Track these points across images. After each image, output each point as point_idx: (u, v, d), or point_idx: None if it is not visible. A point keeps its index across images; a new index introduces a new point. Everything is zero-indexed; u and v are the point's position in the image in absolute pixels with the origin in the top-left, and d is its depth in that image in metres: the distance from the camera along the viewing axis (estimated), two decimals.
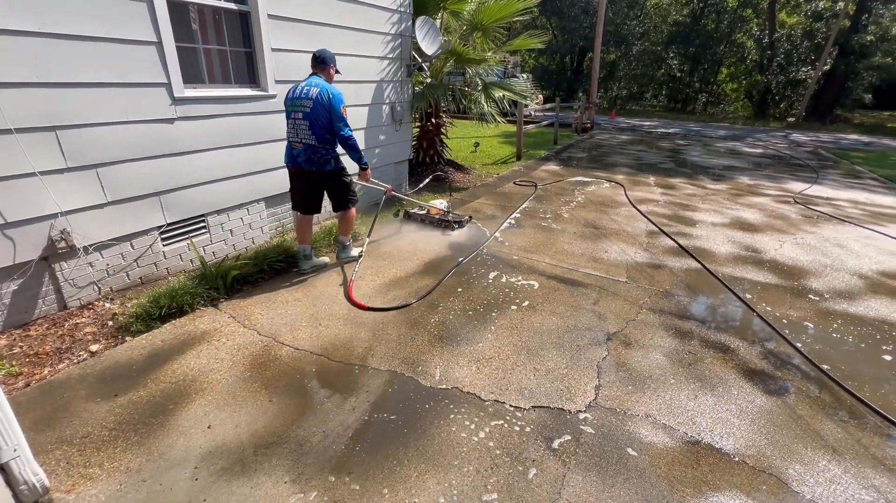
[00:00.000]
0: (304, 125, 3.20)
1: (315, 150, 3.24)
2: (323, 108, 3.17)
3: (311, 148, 3.24)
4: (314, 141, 3.22)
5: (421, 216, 5.05)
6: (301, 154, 3.27)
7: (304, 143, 3.24)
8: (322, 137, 3.22)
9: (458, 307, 3.14)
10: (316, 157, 3.26)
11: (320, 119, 3.18)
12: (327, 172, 3.36)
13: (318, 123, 3.18)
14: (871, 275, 4.00)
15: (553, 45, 26.93)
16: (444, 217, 4.93)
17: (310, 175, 3.35)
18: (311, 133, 3.20)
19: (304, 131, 3.21)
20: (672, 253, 4.33)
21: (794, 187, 7.56)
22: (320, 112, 3.17)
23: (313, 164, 3.28)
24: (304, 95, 3.19)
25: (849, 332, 3.03)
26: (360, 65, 5.04)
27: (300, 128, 3.22)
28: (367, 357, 2.55)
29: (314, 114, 3.17)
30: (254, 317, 2.92)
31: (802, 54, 21.56)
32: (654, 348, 2.75)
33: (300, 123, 3.21)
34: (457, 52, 6.12)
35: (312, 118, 3.17)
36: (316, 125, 3.18)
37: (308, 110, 3.17)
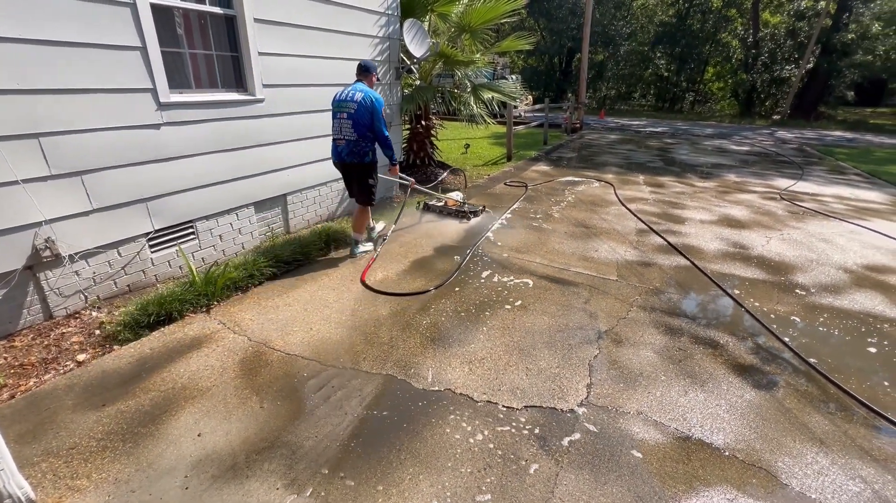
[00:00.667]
0: (348, 124, 3.65)
1: (356, 143, 3.70)
2: (366, 110, 3.64)
3: (352, 142, 3.69)
4: (355, 136, 3.67)
5: (439, 207, 5.46)
6: (344, 149, 3.73)
7: (346, 139, 3.70)
8: (363, 134, 3.68)
9: (451, 308, 3.15)
10: (357, 150, 3.73)
11: (363, 119, 3.64)
12: (366, 164, 3.81)
13: (360, 123, 3.64)
14: (855, 268, 4.07)
15: (542, 46, 27.09)
16: (461, 208, 5.34)
17: (352, 167, 3.82)
18: (353, 131, 3.66)
19: (348, 129, 3.67)
20: (662, 251, 4.37)
21: (780, 184, 7.67)
22: (363, 113, 3.63)
23: (355, 156, 3.74)
24: (350, 98, 3.66)
25: (835, 326, 3.08)
26: (348, 68, 5.02)
27: (344, 126, 3.68)
28: (359, 360, 2.54)
29: (358, 114, 3.62)
30: (244, 323, 2.90)
31: (786, 53, 21.90)
32: (645, 345, 2.77)
33: (344, 122, 3.67)
34: (445, 55, 6.14)
35: (356, 118, 3.63)
36: (358, 124, 3.64)
37: (353, 111, 3.63)
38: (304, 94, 4.53)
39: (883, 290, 3.64)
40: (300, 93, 4.49)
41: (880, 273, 4.00)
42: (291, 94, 4.39)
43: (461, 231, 4.85)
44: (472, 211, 5.31)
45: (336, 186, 5.27)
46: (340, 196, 5.38)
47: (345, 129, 3.68)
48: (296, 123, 4.51)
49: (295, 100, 4.44)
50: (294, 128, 4.51)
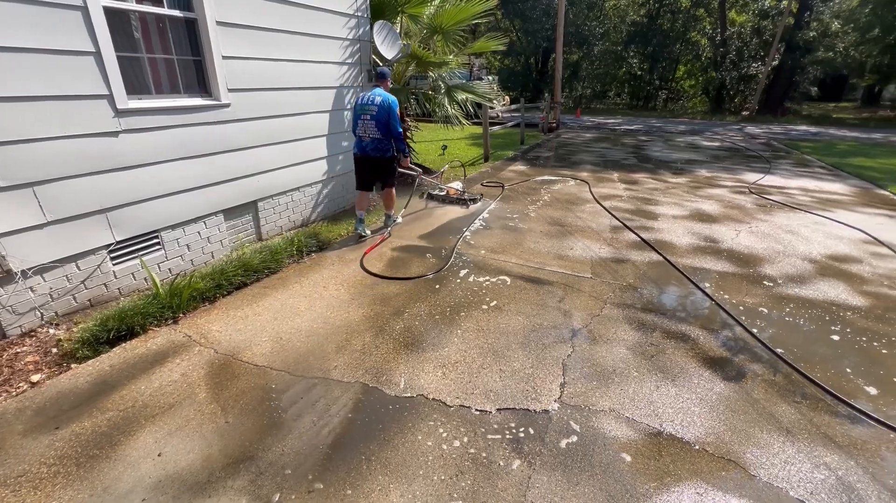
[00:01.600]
0: (372, 124, 4.31)
1: (380, 141, 4.37)
2: (384, 111, 4.27)
3: (376, 140, 4.36)
4: (379, 135, 4.33)
5: (441, 196, 6.12)
6: (369, 145, 4.40)
7: (372, 138, 4.36)
8: (385, 133, 4.33)
9: (425, 312, 3.11)
10: (381, 146, 4.40)
11: (383, 118, 4.28)
12: (387, 158, 4.50)
13: (381, 122, 4.28)
14: (819, 258, 4.19)
15: (517, 47, 27.33)
16: (461, 196, 6.02)
17: (374, 160, 4.49)
18: (377, 129, 4.31)
19: (372, 128, 4.32)
20: (635, 247, 4.43)
21: (749, 178, 7.88)
22: (383, 114, 4.27)
23: (378, 151, 4.42)
24: (371, 102, 4.30)
25: (800, 315, 3.16)
26: (318, 71, 4.95)
27: (368, 126, 4.33)
28: (331, 369, 2.48)
29: (378, 115, 4.27)
30: (212, 335, 2.81)
31: (753, 51, 22.59)
32: (618, 342, 2.78)
33: (368, 123, 4.32)
34: (417, 56, 6.11)
35: (377, 118, 4.28)
36: (380, 123, 4.29)
37: (374, 113, 4.28)
38: (273, 98, 4.44)
39: (845, 279, 3.76)
40: (269, 97, 4.40)
41: (842, 262, 4.12)
42: (260, 99, 4.30)
43: (462, 214, 5.54)
44: (472, 198, 5.98)
45: (310, 191, 5.19)
46: (314, 201, 5.29)
47: (369, 129, 4.32)
48: (265, 128, 4.42)
49: (264, 104, 4.35)
50: (264, 133, 4.41)
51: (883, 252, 4.40)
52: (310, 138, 5.02)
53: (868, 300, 3.40)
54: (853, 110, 26.93)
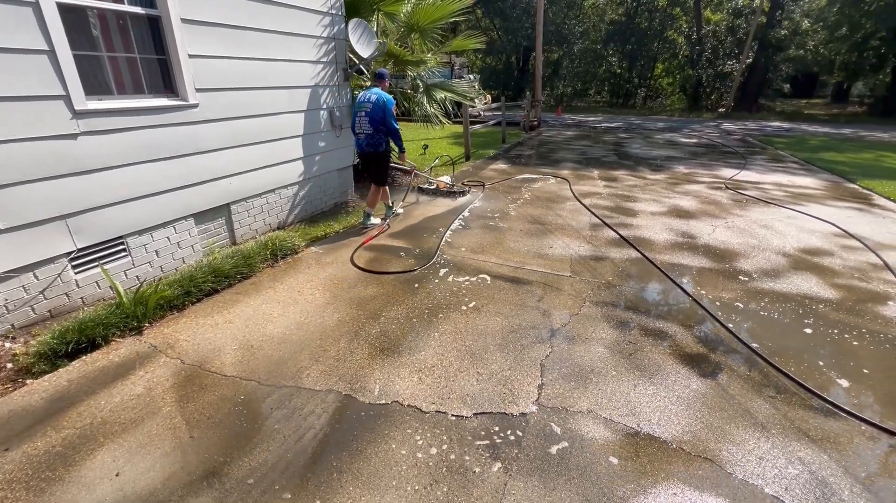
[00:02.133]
0: (366, 120, 4.54)
1: (372, 136, 4.58)
2: (379, 109, 4.52)
3: (369, 135, 4.58)
4: (371, 130, 4.56)
5: (432, 190, 6.37)
6: (363, 141, 4.63)
7: (366, 133, 4.58)
8: (377, 128, 4.56)
9: (402, 315, 3.05)
10: (373, 141, 4.62)
11: (377, 115, 4.52)
12: (380, 153, 4.71)
13: (374, 118, 4.52)
14: (793, 252, 4.26)
15: (498, 45, 27.37)
16: (451, 189, 6.30)
17: (369, 155, 4.72)
18: (369, 125, 4.54)
19: (365, 124, 4.55)
20: (614, 244, 4.44)
21: (726, 173, 8.01)
22: (377, 111, 4.52)
23: (371, 146, 4.64)
24: (367, 100, 4.57)
25: (775, 309, 3.19)
26: (292, 70, 4.84)
27: (362, 122, 4.57)
28: (302, 377, 2.40)
29: (373, 112, 4.52)
30: (179, 345, 2.70)
31: (727, 49, 23.06)
32: (596, 341, 2.77)
33: (363, 119, 4.56)
34: (394, 55, 6.03)
35: (371, 115, 4.52)
36: (374, 119, 4.52)
37: (369, 110, 4.52)
38: (244, 97, 4.31)
39: (818, 272, 3.82)
40: (240, 97, 4.27)
41: (815, 255, 4.20)
42: (230, 99, 4.17)
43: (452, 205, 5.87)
44: (461, 191, 6.29)
45: (286, 193, 5.07)
46: (291, 203, 5.17)
47: (363, 124, 4.55)
48: (237, 129, 4.29)
49: (234, 104, 4.22)
50: (235, 134, 4.28)
51: (853, 244, 4.50)
52: (284, 139, 4.90)
53: (839, 293, 3.46)
54: (823, 106, 27.72)
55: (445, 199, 6.11)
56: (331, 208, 5.83)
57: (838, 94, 31.88)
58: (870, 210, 5.82)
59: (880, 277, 3.74)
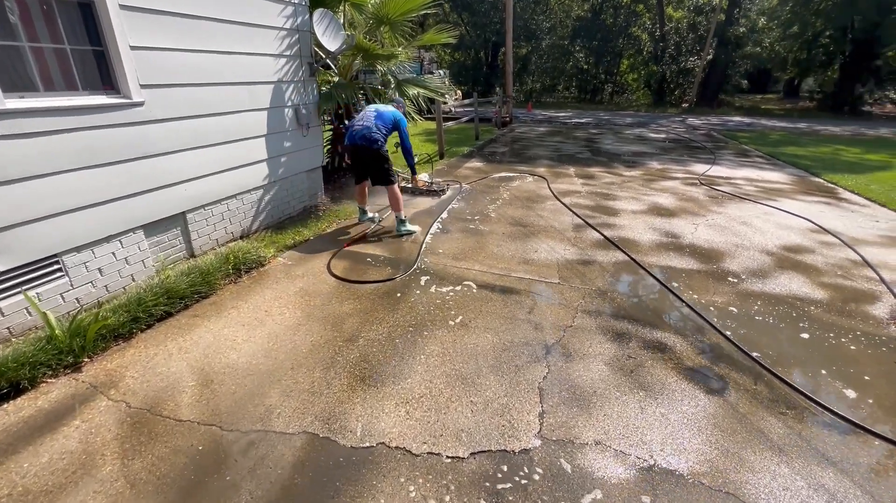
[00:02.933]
0: (372, 115, 4.39)
1: (371, 130, 4.28)
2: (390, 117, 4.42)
3: (368, 128, 4.28)
4: (372, 124, 4.31)
5: (409, 189, 6.15)
6: (359, 132, 4.30)
7: (365, 125, 4.32)
8: (380, 124, 4.33)
9: (383, 335, 2.77)
10: (370, 136, 4.26)
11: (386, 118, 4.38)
12: (374, 150, 4.30)
13: (382, 118, 4.37)
14: (775, 251, 4.24)
15: (467, 40, 27.15)
16: (430, 187, 6.14)
17: (362, 149, 4.33)
18: (374, 120, 4.34)
19: (370, 119, 4.35)
20: (600, 246, 4.29)
21: (698, 169, 8.08)
22: (388, 116, 4.42)
23: (367, 140, 4.27)
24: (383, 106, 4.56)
25: (769, 313, 3.11)
26: (253, 64, 4.43)
27: (366, 115, 4.40)
28: (272, 418, 2.10)
29: (383, 114, 4.41)
30: (125, 384, 2.33)
31: (689, 45, 23.69)
32: (595, 357, 2.58)
33: (368, 114, 4.42)
34: (363, 48, 5.68)
35: (380, 114, 4.40)
36: (380, 118, 4.36)
37: (381, 111, 4.45)
38: (199, 94, 3.90)
39: (802, 271, 3.79)
40: (194, 94, 3.85)
41: (796, 253, 4.19)
42: (182, 96, 3.75)
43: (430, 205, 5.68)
44: (440, 189, 6.14)
45: (249, 199, 4.67)
46: (255, 209, 4.77)
47: (366, 118, 4.35)
48: (192, 129, 3.87)
49: (188, 102, 3.80)
50: (190, 134, 3.86)
51: (830, 240, 4.53)
52: (246, 139, 4.50)
53: (827, 292, 3.42)
54: (777, 101, 29.00)
55: (425, 199, 5.92)
56: (300, 213, 5.45)
57: (789, 90, 33.43)
58: (838, 204, 5.95)
59: (862, 274, 3.74)
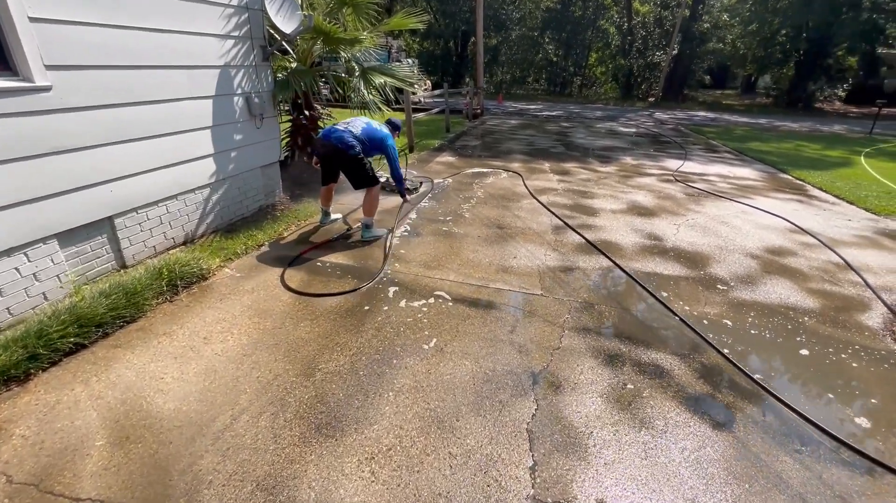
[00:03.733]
0: (360, 123, 3.97)
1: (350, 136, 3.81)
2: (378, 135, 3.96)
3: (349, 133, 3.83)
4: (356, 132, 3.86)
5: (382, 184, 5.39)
6: (335, 132, 3.84)
7: (346, 129, 3.87)
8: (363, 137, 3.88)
9: (345, 366, 2.37)
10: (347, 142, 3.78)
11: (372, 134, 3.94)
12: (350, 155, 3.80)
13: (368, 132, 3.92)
14: (759, 253, 4.09)
15: (436, 29, 26.52)
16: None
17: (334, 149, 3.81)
18: (360, 129, 3.91)
19: (357, 125, 3.93)
20: (582, 250, 4.02)
21: (671, 165, 8.00)
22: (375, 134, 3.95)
23: (343, 143, 3.78)
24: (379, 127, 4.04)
25: (764, 326, 2.91)
26: (193, 45, 3.86)
27: (354, 123, 3.96)
28: (201, 490, 1.67)
29: (369, 129, 3.95)
30: (9, 447, 1.83)
31: (656, 40, 23.99)
32: (588, 386, 2.28)
33: (357, 121, 3.98)
34: (323, 31, 5.16)
35: (367, 129, 3.94)
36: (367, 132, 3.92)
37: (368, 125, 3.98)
38: (125, 79, 3.32)
39: (789, 276, 3.65)
40: (118, 78, 3.28)
41: (780, 256, 4.06)
42: (103, 80, 3.17)
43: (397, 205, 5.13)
44: (413, 187, 5.69)
45: (193, 199, 4.11)
46: (201, 210, 4.22)
47: (352, 124, 3.93)
48: (117, 120, 3.31)
49: (110, 87, 3.23)
50: (115, 126, 3.30)
51: (809, 241, 4.44)
52: (188, 132, 3.94)
53: (817, 301, 3.27)
54: (736, 97, 29.97)
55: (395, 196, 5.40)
56: (254, 213, 4.92)
57: (747, 86, 34.70)
58: (810, 202, 5.94)
59: (847, 279, 3.63)
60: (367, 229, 4.16)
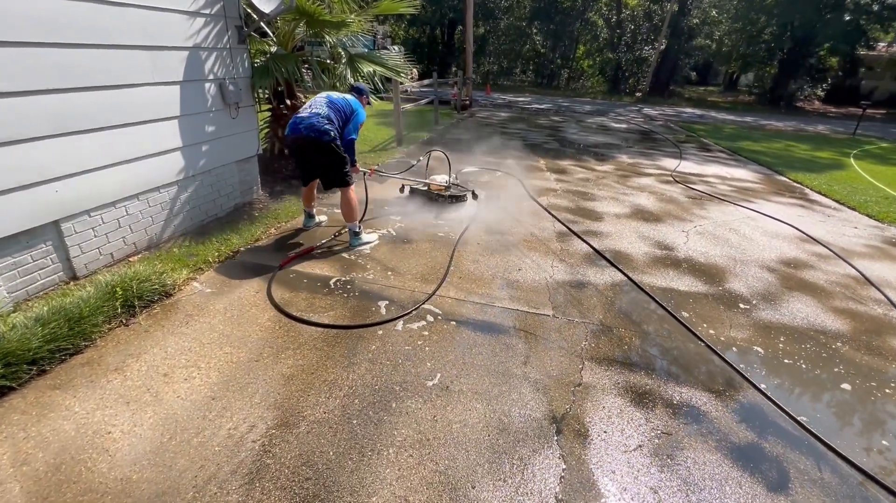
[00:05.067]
0: (323, 102, 3.52)
1: (320, 119, 3.40)
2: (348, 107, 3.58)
3: (317, 116, 3.41)
4: (324, 112, 3.44)
5: (424, 192, 4.98)
6: (304, 121, 3.39)
7: (313, 112, 3.44)
8: (330, 117, 3.45)
9: (335, 413, 2.00)
10: (318, 126, 3.37)
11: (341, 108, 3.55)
12: (325, 141, 3.40)
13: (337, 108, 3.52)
14: (775, 265, 3.86)
15: (422, 16, 25.72)
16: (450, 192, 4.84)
17: (307, 140, 3.39)
18: (326, 107, 3.48)
19: (320, 106, 3.49)
20: (590, 261, 3.72)
21: (668, 164, 7.77)
22: (345, 106, 3.57)
23: (314, 130, 3.38)
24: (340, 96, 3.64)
25: (797, 354, 2.65)
26: (156, 21, 3.36)
27: (317, 103, 3.52)
28: None
29: (338, 103, 3.56)
30: None
31: (644, 34, 23.81)
32: (619, 435, 1.98)
33: (319, 101, 3.54)
34: (307, 12, 4.67)
35: (334, 103, 3.54)
36: (334, 108, 3.51)
37: (335, 98, 3.57)
38: (72, 59, 2.83)
39: (811, 293, 3.42)
40: (65, 57, 2.78)
41: (796, 269, 3.84)
42: (46, 60, 2.68)
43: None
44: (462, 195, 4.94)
45: (158, 198, 3.64)
46: (168, 211, 3.75)
47: (316, 104, 3.51)
48: (65, 107, 2.82)
49: (55, 69, 2.73)
50: (61, 114, 2.81)
51: (822, 252, 4.24)
52: (151, 122, 3.46)
53: (845, 322, 3.04)
54: (719, 94, 30.18)
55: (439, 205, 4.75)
56: (230, 213, 4.46)
57: (729, 84, 35.01)
58: (811, 207, 5.79)
59: (870, 296, 3.43)
60: (356, 237, 3.75)
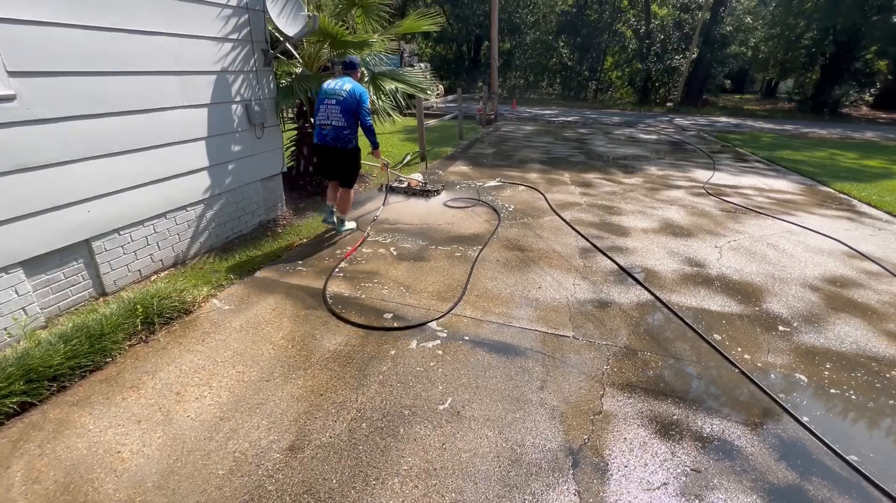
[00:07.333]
0: (336, 110, 3.87)
1: (342, 130, 3.90)
2: (353, 100, 3.85)
3: (339, 128, 3.89)
4: (343, 122, 3.88)
5: (402, 188, 5.84)
6: (330, 133, 3.91)
7: (334, 125, 3.89)
8: (349, 122, 3.89)
9: (342, 437, 1.95)
10: (342, 136, 3.91)
11: (350, 107, 3.85)
12: (348, 150, 4.02)
13: (348, 110, 3.85)
14: (819, 284, 3.58)
15: (448, 33, 26.20)
16: (424, 187, 5.81)
17: (333, 151, 4.00)
18: (341, 116, 3.87)
19: (336, 114, 3.87)
20: (614, 278, 3.56)
21: (700, 176, 7.47)
22: (351, 102, 3.85)
23: (339, 141, 3.93)
24: (340, 88, 3.89)
25: (845, 384, 2.42)
26: (186, 48, 3.51)
27: (332, 112, 3.88)
28: None
29: (346, 102, 3.84)
30: None
31: (674, 43, 23.31)
32: (642, 470, 1.83)
33: (332, 108, 3.88)
34: (330, 34, 4.78)
35: (344, 105, 3.85)
36: (345, 111, 3.86)
37: (341, 98, 3.85)
38: (106, 86, 2.98)
39: (860, 315, 3.14)
40: (98, 85, 2.93)
41: (843, 288, 3.55)
42: (79, 87, 2.83)
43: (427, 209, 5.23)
44: (434, 189, 5.78)
45: (185, 217, 3.75)
46: (194, 229, 3.86)
47: (332, 114, 3.88)
48: (97, 132, 2.96)
49: (89, 96, 2.88)
50: (93, 139, 2.95)
51: (872, 269, 3.92)
52: (179, 143, 3.60)
53: None
54: (757, 102, 29.06)
55: (418, 200, 5.59)
56: (254, 230, 4.56)
57: (767, 91, 33.70)
58: (860, 220, 5.39)
59: None
60: (342, 223, 4.46)
